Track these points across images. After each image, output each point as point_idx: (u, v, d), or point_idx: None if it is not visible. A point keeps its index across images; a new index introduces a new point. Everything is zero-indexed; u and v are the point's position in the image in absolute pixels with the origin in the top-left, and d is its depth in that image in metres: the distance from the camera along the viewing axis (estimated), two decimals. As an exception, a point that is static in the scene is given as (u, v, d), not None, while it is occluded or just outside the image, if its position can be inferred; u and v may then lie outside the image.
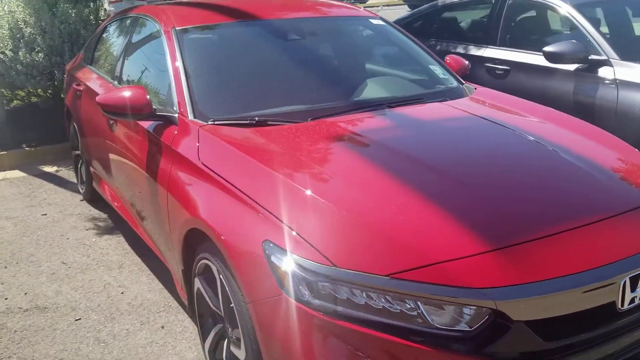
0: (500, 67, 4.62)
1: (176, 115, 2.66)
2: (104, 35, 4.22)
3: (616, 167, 2.37)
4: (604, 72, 3.94)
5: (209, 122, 2.56)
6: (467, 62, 3.56)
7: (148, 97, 2.67)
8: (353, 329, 1.71)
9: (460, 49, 5.02)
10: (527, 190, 2.09)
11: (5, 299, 3.22)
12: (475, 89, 3.18)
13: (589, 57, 4.01)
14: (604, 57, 3.99)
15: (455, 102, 2.90)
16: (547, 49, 4.09)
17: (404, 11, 12.33)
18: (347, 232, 1.84)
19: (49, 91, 6.25)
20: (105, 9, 6.48)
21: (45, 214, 4.40)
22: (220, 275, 2.11)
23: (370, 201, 1.94)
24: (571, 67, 4.11)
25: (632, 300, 1.85)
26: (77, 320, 2.99)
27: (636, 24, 4.83)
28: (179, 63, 2.83)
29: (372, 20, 3.50)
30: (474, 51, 4.90)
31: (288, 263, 1.80)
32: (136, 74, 3.35)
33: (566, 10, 4.36)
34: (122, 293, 3.25)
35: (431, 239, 1.78)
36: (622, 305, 1.82)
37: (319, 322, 1.74)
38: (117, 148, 3.28)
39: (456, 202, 1.93)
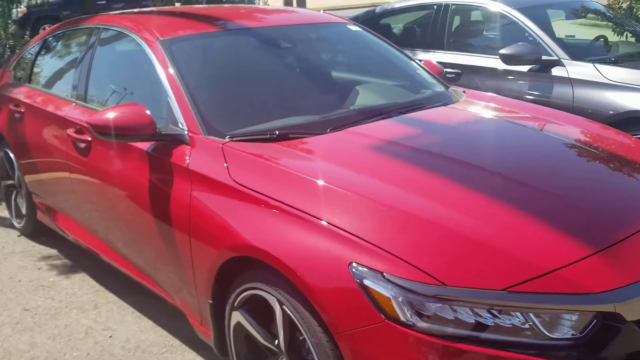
0: (451, 70, 4.72)
1: (185, 133, 2.40)
2: (43, 50, 3.77)
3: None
4: (557, 71, 4.15)
5: (226, 139, 2.34)
6: (441, 67, 3.58)
7: (149, 114, 2.39)
8: (467, 350, 1.60)
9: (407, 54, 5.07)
10: (596, 188, 2.09)
11: (-32, 360, 2.75)
12: (464, 91, 3.19)
13: (542, 58, 4.21)
14: (554, 58, 4.20)
15: (459, 105, 2.89)
16: (503, 51, 4.24)
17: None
18: (448, 247, 1.73)
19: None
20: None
21: (-19, 255, 3.85)
22: (285, 307, 1.90)
23: (457, 212, 1.84)
24: (525, 68, 4.29)
25: None
26: (68, 374, 2.62)
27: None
28: (175, 77, 2.56)
29: (350, 27, 3.41)
30: (422, 55, 4.97)
31: (387, 285, 1.65)
32: (110, 92, 3.01)
33: (511, 13, 4.56)
34: (111, 337, 2.89)
35: (535, 248, 1.72)
36: None
37: (429, 346, 1.61)
38: (91, 174, 2.92)
39: (541, 207, 1.88)
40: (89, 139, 2.88)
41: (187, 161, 2.32)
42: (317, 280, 1.77)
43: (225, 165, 2.20)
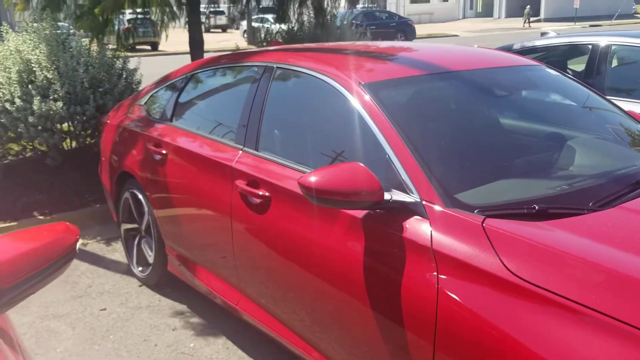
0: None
1: (419, 201, 1.95)
2: (191, 86, 3.41)
3: None
4: None
5: (476, 213, 1.87)
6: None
7: (376, 178, 1.95)
8: None
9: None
10: None
11: None
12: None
13: None
14: None
15: None
16: None
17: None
18: None
19: (60, 146, 5.26)
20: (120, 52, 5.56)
21: (105, 309, 3.47)
22: None
23: None
24: None
25: None
26: None
27: None
28: (394, 129, 2.13)
29: (548, 70, 2.93)
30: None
31: None
32: (293, 142, 2.60)
33: None
34: None
35: None
36: None
37: None
38: (266, 234, 2.49)
39: None
40: (267, 194, 2.47)
41: (430, 240, 1.86)
42: None
43: (494, 250, 1.73)
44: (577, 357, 1.45)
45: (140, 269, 3.78)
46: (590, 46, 4.56)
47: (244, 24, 24.87)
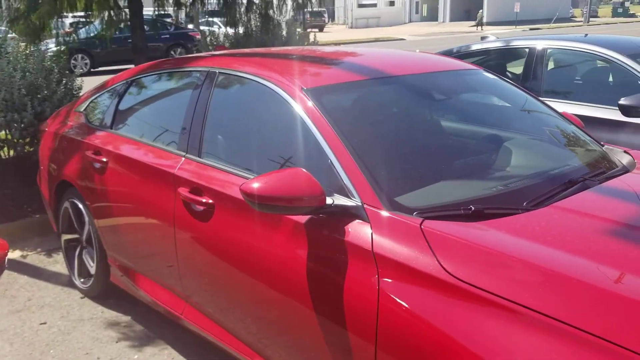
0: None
1: (360, 205, 1.97)
2: (131, 93, 3.34)
3: None
4: None
5: (415, 215, 1.91)
6: (580, 120, 3.19)
7: (318, 183, 1.96)
8: None
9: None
10: None
11: None
12: (625, 151, 2.78)
13: None
14: None
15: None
16: (623, 102, 3.86)
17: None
18: None
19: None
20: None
21: (45, 323, 3.35)
22: None
23: None
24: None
25: None
26: None
27: None
28: (337, 135, 2.14)
29: (485, 74, 3.02)
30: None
31: None
32: (236, 148, 2.58)
33: (620, 59, 4.20)
34: None
35: None
36: None
37: None
38: (211, 242, 2.46)
39: None
40: (210, 201, 2.44)
41: (371, 243, 1.88)
42: None
43: (432, 251, 1.76)
44: (512, 354, 1.49)
45: (82, 280, 3.67)
46: (527, 50, 4.71)
47: (192, 27, 24.56)
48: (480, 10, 42.39)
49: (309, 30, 14.95)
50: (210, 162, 2.55)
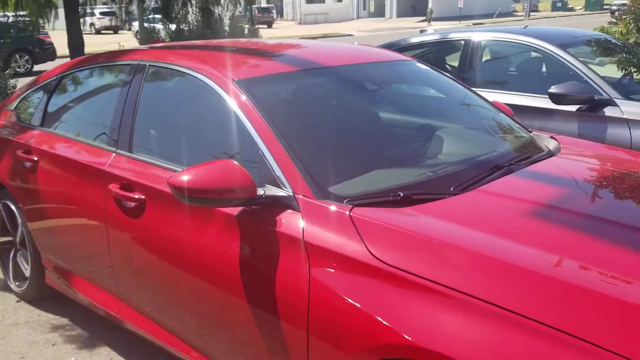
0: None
1: (291, 195, 1.97)
2: (62, 89, 3.24)
3: None
4: (610, 111, 3.93)
5: (345, 203, 1.93)
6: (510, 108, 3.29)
7: (249, 174, 1.96)
8: None
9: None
10: None
11: None
12: (551, 137, 2.89)
13: (594, 98, 3.99)
14: (606, 97, 3.99)
15: (571, 156, 2.57)
16: (553, 90, 3.99)
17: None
18: None
19: None
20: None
21: (-22, 329, 3.23)
22: None
23: None
24: (573, 107, 4.06)
25: None
26: None
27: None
28: (268, 125, 2.14)
29: (419, 65, 3.07)
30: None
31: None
32: (168, 141, 2.54)
33: (552, 50, 4.36)
34: None
35: None
36: None
37: None
38: (143, 239, 2.42)
39: None
40: (142, 197, 2.40)
41: (302, 232, 1.89)
42: None
43: (360, 237, 1.78)
44: (437, 333, 1.53)
45: (17, 283, 3.55)
46: (462, 42, 4.82)
47: (137, 24, 24.07)
48: (430, 7, 43.17)
49: (257, 26, 14.88)
50: (141, 157, 2.50)
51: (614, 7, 36.15)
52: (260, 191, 1.97)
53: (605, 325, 1.41)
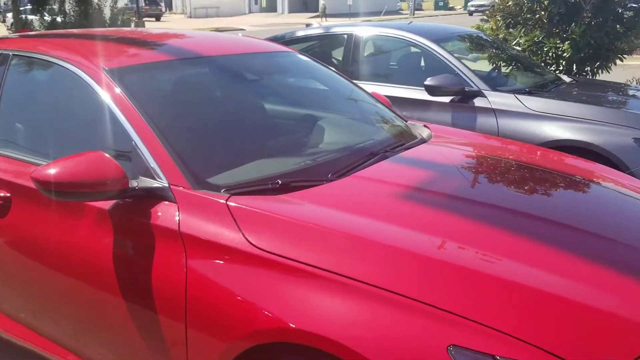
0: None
1: (167, 186, 1.93)
2: None
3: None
4: (479, 102, 4.19)
5: (222, 192, 1.91)
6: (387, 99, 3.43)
7: (119, 165, 1.89)
8: None
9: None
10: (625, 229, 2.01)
11: None
12: (425, 125, 3.04)
13: (465, 89, 4.24)
14: (475, 89, 4.26)
15: (443, 141, 2.72)
16: (428, 82, 4.19)
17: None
18: (569, 320, 1.50)
19: None
20: None
21: None
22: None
23: (565, 279, 1.62)
24: (447, 99, 4.29)
25: None
26: None
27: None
28: (141, 116, 2.07)
29: (300, 57, 3.11)
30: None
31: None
32: (37, 137, 2.38)
33: (426, 44, 4.58)
34: None
35: None
36: None
37: None
38: (9, 238, 2.27)
39: (614, 257, 1.75)
40: (7, 195, 2.25)
41: (178, 223, 1.85)
42: None
43: (237, 226, 1.77)
44: (314, 315, 1.56)
45: None
46: (345, 36, 4.94)
47: (11, 15, 22.37)
48: (323, 2, 43.72)
49: (144, 19, 14.28)
50: (5, 153, 2.34)
51: (472, 9, 39.53)
52: (133, 183, 1.91)
53: (456, 292, 1.52)
